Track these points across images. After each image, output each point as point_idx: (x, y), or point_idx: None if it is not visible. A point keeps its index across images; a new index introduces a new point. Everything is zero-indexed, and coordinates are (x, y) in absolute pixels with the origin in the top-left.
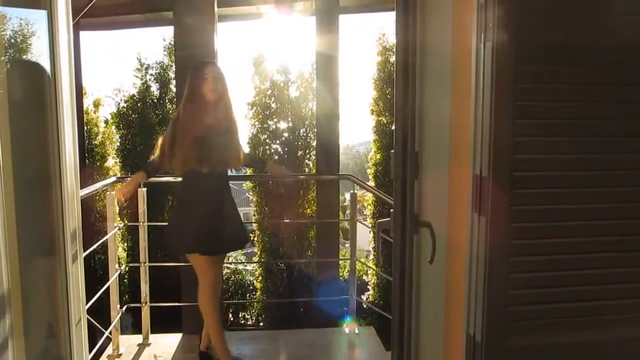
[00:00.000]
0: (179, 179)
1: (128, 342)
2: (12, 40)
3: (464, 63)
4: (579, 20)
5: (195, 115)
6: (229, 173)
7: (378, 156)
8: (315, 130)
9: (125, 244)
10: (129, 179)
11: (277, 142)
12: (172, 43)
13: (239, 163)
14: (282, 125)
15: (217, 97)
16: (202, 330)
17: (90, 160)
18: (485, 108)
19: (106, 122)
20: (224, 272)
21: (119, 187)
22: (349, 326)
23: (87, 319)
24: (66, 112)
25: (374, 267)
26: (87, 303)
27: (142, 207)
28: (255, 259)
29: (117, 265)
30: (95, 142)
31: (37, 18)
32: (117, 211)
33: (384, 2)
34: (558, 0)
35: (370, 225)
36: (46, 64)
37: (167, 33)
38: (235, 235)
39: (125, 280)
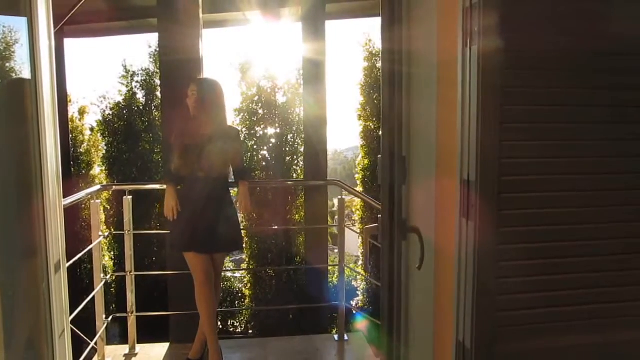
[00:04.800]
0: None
1: (114, 353)
2: None
3: (450, 68)
4: (565, 25)
5: (185, 128)
6: (230, 179)
7: (366, 161)
8: (303, 136)
9: (112, 253)
10: (167, 198)
11: (265, 148)
12: (158, 50)
13: (227, 168)
14: (270, 131)
15: (201, 112)
16: (195, 337)
17: (76, 168)
18: (472, 112)
19: (92, 129)
20: None
21: (167, 206)
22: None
23: (73, 329)
24: (48, 120)
25: (362, 273)
26: (72, 313)
27: (128, 215)
28: (244, 265)
29: (102, 275)
30: (81, 150)
31: (20, 25)
32: (103, 219)
33: (370, 8)
34: (544, 5)
35: (358, 231)
36: (28, 72)
37: (152, 40)
38: (226, 237)
39: (112, 289)
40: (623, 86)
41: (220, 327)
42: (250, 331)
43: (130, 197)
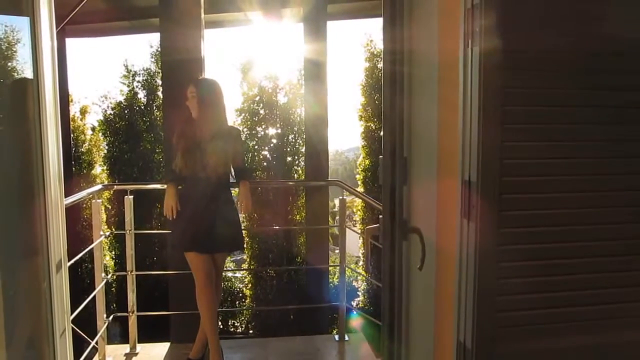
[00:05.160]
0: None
1: (115, 352)
2: None
3: (452, 68)
4: (566, 26)
5: (186, 128)
6: (231, 179)
7: (367, 162)
8: (304, 136)
9: (113, 252)
10: (167, 197)
11: (266, 148)
12: (159, 50)
13: (228, 168)
14: (271, 131)
15: (202, 113)
16: (196, 337)
17: (77, 168)
18: (474, 113)
19: (93, 129)
20: None
21: (167, 205)
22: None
23: (73, 328)
24: (49, 120)
25: (363, 273)
26: (72, 313)
27: (129, 215)
28: (245, 265)
29: (103, 274)
30: (82, 149)
31: (21, 25)
32: (104, 219)
33: (372, 9)
34: (545, 5)
35: (359, 232)
36: (30, 71)
37: (154, 40)
38: (227, 237)
39: (113, 289)
40: (624, 87)
41: (221, 327)
42: (251, 331)
43: (132, 196)
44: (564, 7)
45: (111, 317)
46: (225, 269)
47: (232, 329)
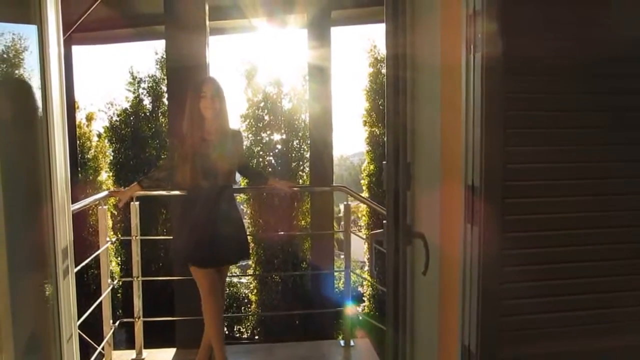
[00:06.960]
0: (173, 192)
1: (121, 358)
2: (5, 55)
3: (454, 74)
4: (567, 31)
5: (195, 131)
6: (234, 186)
7: (371, 167)
8: (309, 141)
9: (119, 258)
10: (124, 189)
11: (271, 154)
12: (165, 56)
13: (234, 174)
14: (276, 137)
15: (214, 113)
16: (200, 344)
17: (83, 174)
18: (476, 118)
19: (99, 135)
20: None
21: (118, 194)
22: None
23: (80, 334)
24: (57, 127)
25: (368, 278)
26: (79, 318)
27: (135, 221)
28: (250, 271)
29: (109, 280)
30: (88, 156)
31: (29, 33)
32: (110, 225)
33: (375, 14)
34: (546, 11)
35: (364, 237)
36: (37, 79)
37: (159, 47)
38: (231, 249)
39: (119, 294)
40: (627, 91)
41: (227, 332)
42: (257, 337)
43: (137, 203)
44: (565, 12)
45: (117, 322)
46: (230, 274)
47: (237, 335)
